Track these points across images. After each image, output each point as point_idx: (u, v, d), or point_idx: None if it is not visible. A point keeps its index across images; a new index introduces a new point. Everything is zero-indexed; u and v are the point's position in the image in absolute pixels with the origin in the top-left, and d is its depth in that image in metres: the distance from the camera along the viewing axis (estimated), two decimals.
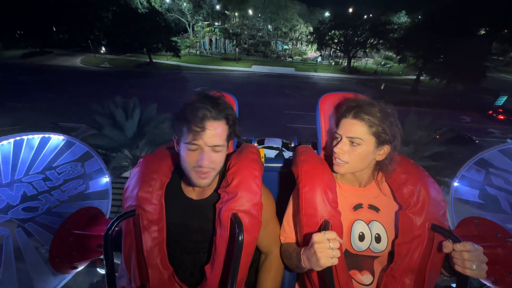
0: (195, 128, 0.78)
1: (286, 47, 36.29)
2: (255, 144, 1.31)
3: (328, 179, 0.96)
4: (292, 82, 23.81)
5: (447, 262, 0.85)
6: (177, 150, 0.89)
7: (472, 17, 18.41)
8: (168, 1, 32.64)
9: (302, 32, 35.89)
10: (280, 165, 1.39)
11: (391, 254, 0.91)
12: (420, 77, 23.07)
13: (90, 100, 7.80)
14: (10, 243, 1.26)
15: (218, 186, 0.96)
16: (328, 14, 37.18)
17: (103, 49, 28.74)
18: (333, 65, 31.94)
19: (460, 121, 16.46)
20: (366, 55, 32.09)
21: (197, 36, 35.15)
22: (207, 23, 37.75)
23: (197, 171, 0.83)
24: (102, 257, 0.98)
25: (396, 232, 0.91)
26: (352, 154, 0.90)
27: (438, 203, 0.89)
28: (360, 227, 0.95)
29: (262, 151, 1.29)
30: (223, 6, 37.03)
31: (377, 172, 1.00)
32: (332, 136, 1.04)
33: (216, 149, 0.83)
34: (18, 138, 1.41)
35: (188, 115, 0.80)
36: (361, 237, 0.94)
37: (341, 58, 33.50)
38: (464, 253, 0.72)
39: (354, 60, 31.70)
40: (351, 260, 0.94)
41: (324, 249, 0.74)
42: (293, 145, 1.54)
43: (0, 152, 1.34)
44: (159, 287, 0.88)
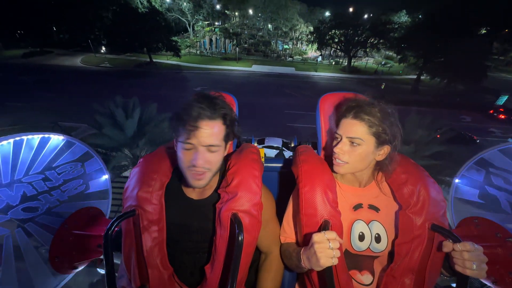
0: (189, 127, 0.78)
1: (286, 47, 36.28)
2: (255, 144, 1.31)
3: (328, 179, 0.96)
4: (293, 82, 23.80)
5: (447, 262, 0.85)
6: (176, 150, 0.89)
7: (472, 17, 18.40)
8: (168, 0, 32.63)
9: (303, 32, 35.84)
10: (280, 165, 1.39)
11: (391, 254, 0.91)
12: (421, 76, 23.05)
13: (90, 99, 7.80)
14: (10, 243, 1.26)
15: (218, 186, 0.96)
16: (328, 13, 37.12)
17: (103, 48, 28.80)
18: (333, 64, 31.93)
19: (461, 121, 16.45)
20: (367, 54, 32.07)
21: (197, 35, 35.14)
22: (207, 22, 37.74)
23: (192, 171, 0.82)
24: (102, 257, 0.98)
25: (396, 232, 0.91)
26: (352, 154, 0.90)
27: (438, 203, 0.89)
28: (360, 227, 0.95)
29: (262, 151, 1.29)
30: (223, 5, 37.02)
31: (377, 172, 1.00)
32: (332, 136, 1.04)
33: (211, 149, 0.82)
34: (17, 138, 1.41)
35: (183, 114, 0.80)
36: (361, 237, 0.94)
37: (341, 57, 33.47)
38: (464, 253, 0.72)
39: (355, 60, 31.67)
40: (351, 260, 0.94)
41: (324, 249, 0.74)
42: (293, 145, 1.54)
43: (0, 152, 1.34)
44: (159, 287, 0.88)
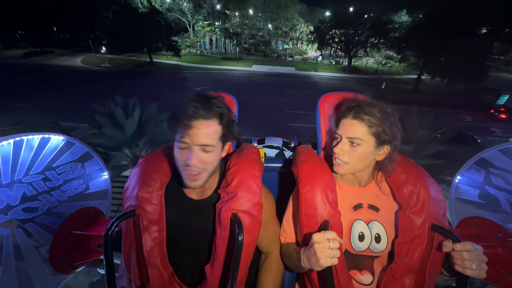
0: (183, 126, 0.79)
1: (286, 47, 36.26)
2: (255, 144, 1.30)
3: (328, 179, 0.96)
4: (293, 82, 23.79)
5: (447, 262, 0.85)
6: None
7: (472, 17, 18.36)
8: (168, 0, 32.64)
9: (303, 32, 35.80)
10: (280, 165, 1.39)
11: (391, 254, 0.91)
12: (421, 76, 23.02)
13: (90, 99, 7.80)
14: (10, 243, 1.25)
15: (218, 186, 0.96)
16: (328, 13, 37.09)
17: (104, 48, 28.80)
18: (333, 64, 31.91)
19: (462, 121, 16.42)
20: (367, 54, 32.04)
21: (197, 35, 35.14)
22: (207, 22, 37.74)
23: (187, 170, 0.82)
24: (102, 257, 0.98)
25: (396, 232, 0.91)
26: (352, 155, 0.90)
27: (438, 203, 0.89)
28: (360, 227, 0.95)
29: (262, 151, 1.29)
30: (223, 5, 37.03)
31: (377, 172, 1.00)
32: (332, 136, 1.04)
33: (206, 149, 0.81)
34: (18, 138, 1.41)
35: (179, 114, 0.80)
36: (361, 237, 0.94)
37: (341, 57, 33.43)
38: (464, 253, 0.72)
39: (355, 60, 31.65)
40: (351, 260, 0.94)
41: (324, 249, 0.74)
42: (293, 145, 1.54)
43: (0, 153, 1.34)
44: (159, 287, 0.88)
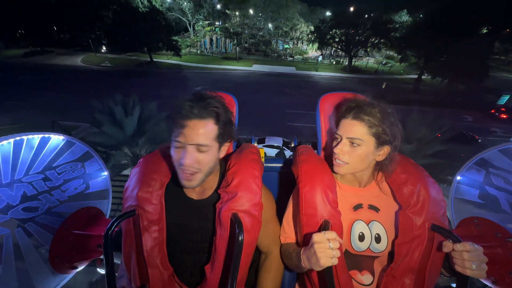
0: (178, 125, 0.80)
1: (287, 46, 36.22)
2: (255, 144, 1.30)
3: (328, 179, 0.96)
4: (293, 81, 23.77)
5: (447, 262, 0.85)
6: None
7: (472, 17, 18.31)
8: (168, 0, 32.62)
9: (303, 31, 35.75)
10: (280, 165, 1.39)
11: (391, 254, 0.91)
12: (422, 76, 22.98)
13: (90, 99, 7.79)
14: (10, 243, 1.26)
15: (218, 186, 0.96)
16: (329, 13, 37.07)
17: (104, 48, 28.79)
18: (334, 64, 31.86)
19: (462, 120, 16.38)
20: (367, 54, 32.00)
21: (197, 35, 35.12)
22: (207, 22, 37.73)
23: (182, 170, 0.82)
24: (102, 257, 0.98)
25: (396, 232, 0.91)
26: (352, 155, 0.90)
27: (438, 203, 0.89)
28: (360, 227, 0.95)
29: (262, 151, 1.29)
30: (223, 5, 36.97)
31: (377, 172, 1.00)
32: (332, 136, 1.04)
33: (200, 149, 0.81)
34: (18, 138, 1.41)
35: (174, 113, 0.81)
36: (361, 237, 0.94)
37: (342, 57, 33.38)
38: (464, 253, 0.72)
39: (355, 59, 31.56)
40: (351, 260, 0.94)
41: (324, 249, 0.73)
42: (293, 145, 1.54)
43: (0, 152, 1.34)
44: (159, 287, 0.88)
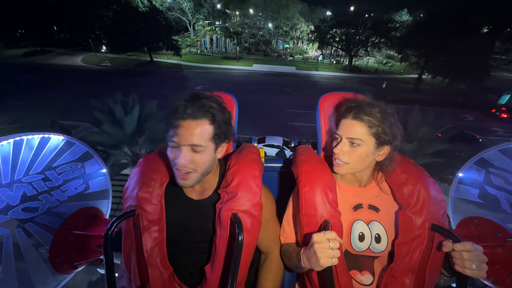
0: (172, 126, 0.80)
1: (287, 46, 36.20)
2: (255, 144, 1.30)
3: (328, 179, 0.96)
4: (293, 81, 23.75)
5: (447, 262, 0.85)
6: None
7: (472, 17, 18.28)
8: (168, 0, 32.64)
9: (303, 31, 35.74)
10: (280, 165, 1.39)
11: (391, 254, 0.90)
12: (422, 75, 22.96)
13: (90, 98, 7.79)
14: (10, 243, 1.26)
15: (218, 186, 0.96)
16: (329, 13, 37.04)
17: (104, 48, 28.78)
18: (334, 64, 31.83)
19: (463, 120, 16.36)
20: (368, 53, 32.00)
21: (198, 35, 35.10)
22: (208, 22, 37.69)
23: (177, 169, 0.83)
24: (102, 257, 0.99)
25: (396, 232, 0.91)
26: (352, 155, 0.90)
27: (438, 203, 0.89)
28: (360, 227, 0.95)
29: (262, 151, 1.29)
30: (224, 5, 36.95)
31: (377, 172, 1.00)
32: (332, 136, 1.04)
33: (195, 149, 0.81)
34: (17, 138, 1.41)
35: (169, 113, 0.81)
36: (361, 237, 0.94)
37: (342, 57, 33.34)
38: (463, 253, 0.72)
39: (356, 59, 31.52)
40: (351, 260, 0.94)
41: (324, 249, 0.73)
42: (292, 145, 1.54)
43: (0, 152, 1.35)
44: (159, 287, 0.88)
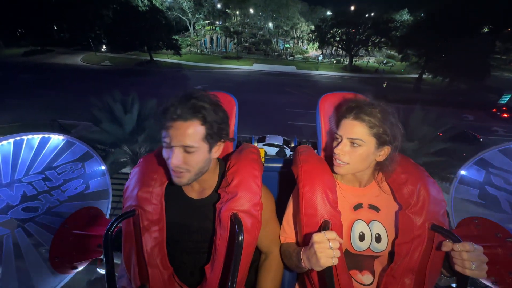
0: (163, 127, 0.80)
1: (287, 46, 36.17)
2: (255, 143, 1.30)
3: (328, 179, 0.96)
4: (294, 81, 23.73)
5: (447, 262, 0.85)
6: None
7: (472, 17, 18.26)
8: None
9: (304, 31, 35.69)
10: (280, 165, 1.39)
11: (391, 254, 0.90)
12: (423, 75, 22.94)
13: (90, 97, 7.80)
14: (10, 243, 1.26)
15: (218, 186, 0.96)
16: (329, 12, 36.99)
17: (104, 47, 28.77)
18: (334, 63, 31.82)
19: (464, 120, 16.36)
20: (368, 53, 31.95)
21: (198, 34, 35.07)
22: (208, 21, 37.65)
23: (171, 169, 0.83)
24: (102, 257, 0.99)
25: (396, 232, 0.91)
26: (352, 155, 0.90)
27: (438, 203, 0.89)
28: (360, 227, 0.95)
29: (262, 151, 1.29)
30: (224, 4, 36.89)
31: (377, 172, 1.00)
32: (332, 136, 1.04)
33: (188, 150, 0.80)
34: (18, 138, 1.41)
35: (160, 114, 0.81)
36: (361, 237, 0.94)
37: (342, 56, 33.33)
38: (463, 253, 0.72)
39: (356, 59, 31.49)
40: (351, 260, 0.94)
41: (324, 249, 0.73)
42: (292, 145, 1.54)
43: (0, 152, 1.34)
44: (159, 287, 0.88)
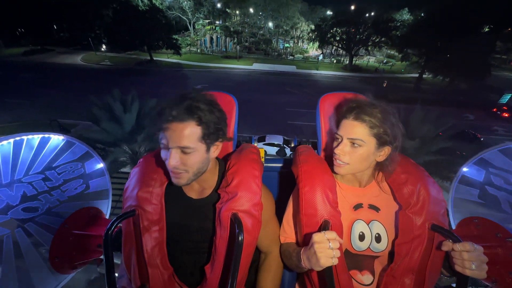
0: (160, 128, 0.80)
1: (287, 45, 36.15)
2: (255, 143, 1.30)
3: (328, 179, 0.96)
4: (294, 80, 23.73)
5: (447, 262, 0.85)
6: None
7: (472, 16, 18.24)
8: None
9: (304, 30, 35.68)
10: (280, 165, 1.39)
11: (391, 254, 0.90)
12: (423, 75, 22.92)
13: (90, 97, 7.79)
14: (10, 243, 1.26)
15: (218, 186, 0.96)
16: (329, 12, 36.96)
17: (104, 47, 28.77)
18: (334, 63, 31.82)
19: (464, 119, 16.36)
20: (368, 53, 31.94)
21: (198, 34, 35.06)
22: (208, 21, 37.64)
23: (169, 169, 0.83)
24: (102, 257, 0.99)
25: (396, 232, 0.91)
26: (353, 155, 0.89)
27: (438, 203, 0.89)
28: (360, 227, 0.95)
29: (262, 151, 1.29)
30: (224, 4, 36.86)
31: (378, 172, 1.00)
32: (332, 136, 1.04)
33: (184, 151, 0.80)
34: (18, 138, 1.41)
35: (156, 115, 0.81)
36: (361, 237, 0.94)
37: (343, 56, 33.32)
38: (463, 253, 0.72)
39: (356, 58, 31.49)
40: (351, 260, 0.94)
41: (324, 249, 0.73)
42: (292, 145, 1.54)
43: (0, 152, 1.34)
44: (159, 287, 0.88)
